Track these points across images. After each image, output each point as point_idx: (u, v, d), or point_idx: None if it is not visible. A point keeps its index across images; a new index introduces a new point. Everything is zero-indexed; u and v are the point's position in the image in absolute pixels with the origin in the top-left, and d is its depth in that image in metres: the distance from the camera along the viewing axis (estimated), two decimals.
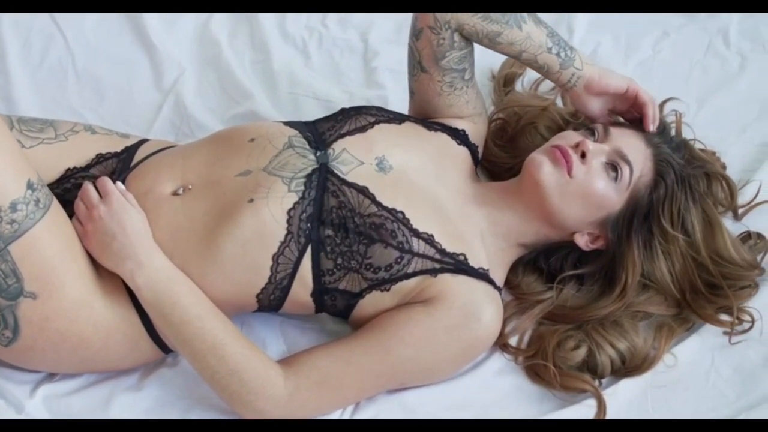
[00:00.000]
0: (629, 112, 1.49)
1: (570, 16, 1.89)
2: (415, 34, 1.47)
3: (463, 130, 1.54)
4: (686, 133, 1.62)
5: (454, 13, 1.41)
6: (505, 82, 1.77)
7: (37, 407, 1.37)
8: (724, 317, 1.44)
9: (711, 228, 1.45)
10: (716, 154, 1.63)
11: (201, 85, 1.83)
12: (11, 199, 1.24)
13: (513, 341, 1.45)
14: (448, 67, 1.48)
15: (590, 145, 1.38)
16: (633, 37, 1.88)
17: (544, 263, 1.49)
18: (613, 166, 1.38)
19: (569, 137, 1.42)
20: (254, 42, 1.89)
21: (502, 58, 1.81)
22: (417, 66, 1.50)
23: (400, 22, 1.91)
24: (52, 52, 1.86)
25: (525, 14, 1.42)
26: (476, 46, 1.50)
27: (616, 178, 1.38)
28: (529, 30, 1.42)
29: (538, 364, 1.40)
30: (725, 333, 1.44)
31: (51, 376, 1.42)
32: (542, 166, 1.38)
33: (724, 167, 1.62)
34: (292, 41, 1.89)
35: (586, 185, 1.37)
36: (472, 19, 1.42)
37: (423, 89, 1.52)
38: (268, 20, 1.91)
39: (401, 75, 1.79)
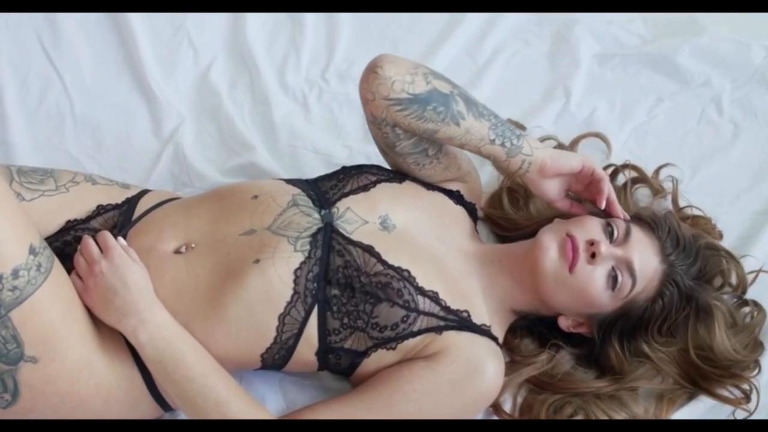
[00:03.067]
0: (587, 191, 1.47)
1: (566, 82, 1.92)
2: (367, 121, 1.47)
3: (458, 191, 1.55)
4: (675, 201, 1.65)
5: (389, 110, 1.37)
6: None
7: None
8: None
9: (709, 335, 1.44)
10: (712, 221, 1.66)
11: (200, 135, 1.83)
12: (13, 265, 1.22)
13: (507, 407, 1.46)
14: (404, 152, 1.48)
15: (603, 249, 1.35)
16: (628, 102, 1.90)
17: (534, 326, 1.50)
18: (616, 276, 1.36)
19: (588, 228, 1.39)
20: (254, 93, 1.89)
21: None
22: (379, 148, 1.52)
23: None
24: (50, 95, 1.85)
25: (465, 109, 1.38)
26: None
27: (614, 287, 1.37)
28: (468, 125, 1.38)
29: None
30: (740, 417, 1.44)
31: None
32: (548, 252, 1.38)
33: (720, 236, 1.65)
34: (292, 94, 1.90)
35: (583, 285, 1.37)
36: (406, 119, 1.38)
37: (395, 166, 1.53)
38: (268, 71, 1.91)
39: None
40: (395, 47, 1.98)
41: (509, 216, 1.65)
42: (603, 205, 1.42)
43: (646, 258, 1.38)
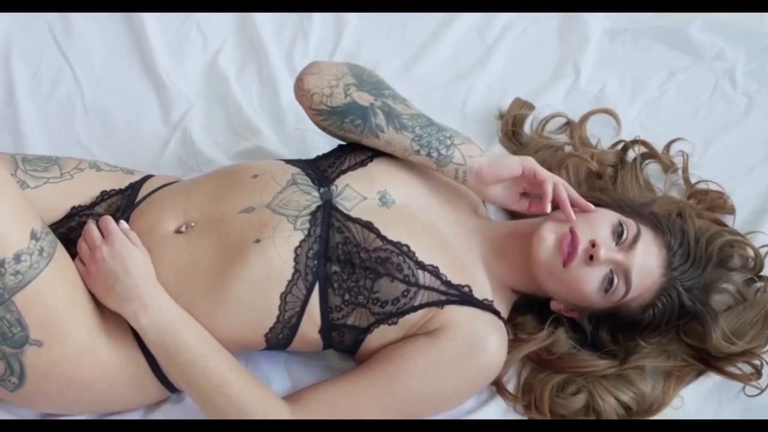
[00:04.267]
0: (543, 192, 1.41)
1: (576, 58, 1.90)
2: None
3: None
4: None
5: (315, 118, 1.43)
6: (514, 122, 1.78)
7: None
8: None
9: (704, 340, 1.41)
10: (725, 194, 1.64)
11: (208, 120, 1.83)
12: (15, 250, 1.23)
13: (511, 386, 1.45)
14: (361, 144, 1.47)
15: (602, 253, 1.32)
16: (639, 77, 1.87)
17: (534, 304, 1.49)
18: (612, 279, 1.34)
19: (596, 227, 1.35)
20: (262, 77, 1.89)
21: (510, 97, 1.83)
22: None
23: (408, 60, 1.92)
24: (61, 85, 1.86)
25: (384, 122, 1.40)
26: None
27: (608, 291, 1.35)
28: (388, 138, 1.41)
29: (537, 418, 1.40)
30: (749, 394, 1.43)
31: None
32: (544, 243, 1.36)
33: (733, 209, 1.62)
34: None
35: (576, 282, 1.35)
36: (330, 127, 1.43)
37: None
38: (276, 55, 1.91)
39: None
40: (404, 28, 1.97)
41: (529, 197, 1.63)
42: (548, 209, 1.37)
43: (647, 268, 1.35)
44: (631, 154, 1.70)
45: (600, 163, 1.67)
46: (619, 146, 1.72)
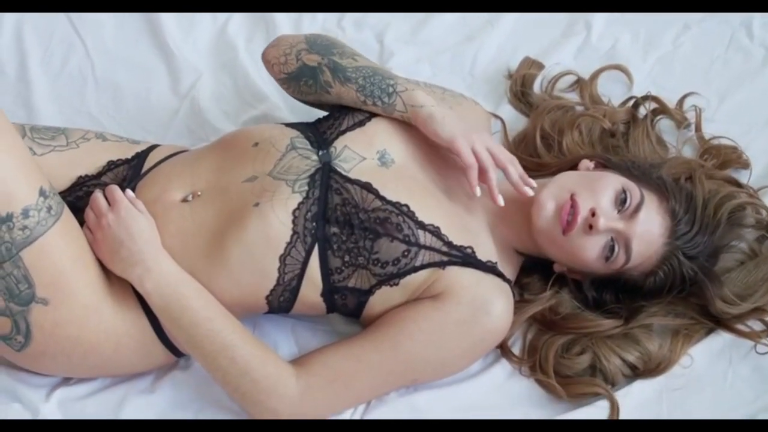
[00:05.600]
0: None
1: (587, 15, 1.86)
2: None
3: None
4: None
5: (284, 87, 1.49)
6: (523, 82, 1.75)
7: (52, 411, 1.39)
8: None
9: (707, 304, 1.39)
10: (739, 149, 1.60)
11: (217, 89, 1.83)
12: (23, 205, 1.25)
13: (516, 348, 1.44)
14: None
15: (601, 223, 1.31)
16: (652, 32, 1.84)
17: (538, 265, 1.47)
18: (612, 247, 1.33)
19: (597, 194, 1.33)
20: None
21: (519, 56, 1.81)
22: None
23: (416, 22, 1.90)
24: (72, 59, 1.87)
25: (331, 77, 1.43)
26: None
27: (608, 259, 1.34)
28: (338, 92, 1.43)
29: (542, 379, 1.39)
30: (760, 351, 1.40)
31: (66, 380, 1.43)
32: (543, 210, 1.34)
33: (747, 163, 1.59)
34: None
35: (576, 250, 1.34)
36: (294, 93, 1.50)
37: None
38: (284, 22, 1.90)
39: (416, 75, 1.79)
40: None
41: (541, 159, 1.61)
42: (477, 194, 1.35)
43: (648, 238, 1.33)
44: (642, 111, 1.67)
45: (612, 121, 1.65)
46: (630, 103, 1.69)
